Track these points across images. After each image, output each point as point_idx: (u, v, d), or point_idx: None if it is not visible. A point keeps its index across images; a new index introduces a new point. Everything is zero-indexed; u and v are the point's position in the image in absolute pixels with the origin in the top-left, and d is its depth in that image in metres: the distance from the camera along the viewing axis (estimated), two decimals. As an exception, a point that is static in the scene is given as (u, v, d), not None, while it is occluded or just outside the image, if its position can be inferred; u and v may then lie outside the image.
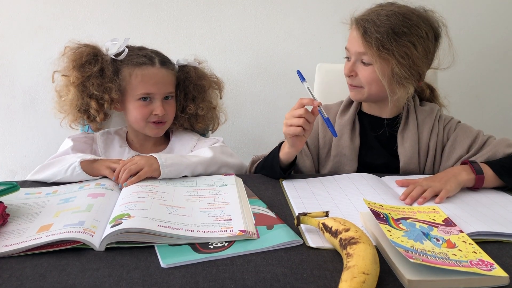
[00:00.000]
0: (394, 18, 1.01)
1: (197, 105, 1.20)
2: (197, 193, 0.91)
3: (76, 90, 1.09)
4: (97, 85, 1.08)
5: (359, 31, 1.04)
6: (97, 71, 1.09)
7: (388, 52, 1.01)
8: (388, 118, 1.15)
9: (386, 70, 1.03)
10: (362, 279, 0.56)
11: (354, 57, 1.07)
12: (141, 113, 1.12)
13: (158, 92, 1.12)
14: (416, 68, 1.03)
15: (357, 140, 1.15)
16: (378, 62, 1.02)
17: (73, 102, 1.11)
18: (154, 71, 1.11)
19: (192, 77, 1.19)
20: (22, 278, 0.62)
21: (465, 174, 0.93)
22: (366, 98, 1.11)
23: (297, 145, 0.99)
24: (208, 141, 1.22)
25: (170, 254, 0.67)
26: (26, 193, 0.93)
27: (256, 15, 1.71)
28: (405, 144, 1.11)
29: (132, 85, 1.11)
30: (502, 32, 1.74)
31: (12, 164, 1.83)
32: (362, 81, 1.07)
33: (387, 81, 1.04)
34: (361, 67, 1.07)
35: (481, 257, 0.63)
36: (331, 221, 0.71)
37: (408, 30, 1.01)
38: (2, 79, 1.72)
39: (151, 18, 1.69)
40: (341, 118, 1.17)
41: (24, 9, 1.65)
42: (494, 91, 1.82)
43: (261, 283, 0.60)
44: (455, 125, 1.13)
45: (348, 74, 1.10)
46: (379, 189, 0.93)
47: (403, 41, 1.01)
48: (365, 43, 1.02)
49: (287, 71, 1.76)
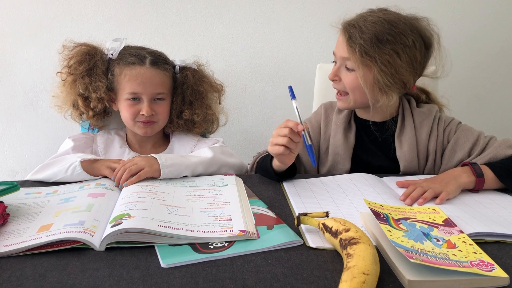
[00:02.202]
0: (380, 25, 1.00)
1: (194, 111, 1.19)
2: (197, 193, 0.91)
3: (65, 89, 1.14)
4: (85, 84, 1.12)
5: (345, 36, 1.03)
6: (86, 70, 1.11)
7: (371, 59, 0.99)
8: (378, 122, 1.14)
9: (368, 77, 1.02)
10: (362, 279, 0.56)
11: (339, 62, 1.07)
12: (129, 113, 1.13)
13: (145, 92, 1.11)
14: (399, 77, 1.01)
15: (352, 139, 1.14)
16: (361, 68, 1.01)
17: (66, 99, 1.17)
18: (141, 71, 1.11)
19: (190, 81, 1.18)
20: (22, 278, 0.62)
21: (465, 176, 0.93)
22: (353, 105, 1.10)
23: (285, 162, 0.97)
24: (208, 141, 1.22)
25: (170, 254, 0.67)
26: (27, 193, 0.93)
27: (256, 15, 1.71)
28: (403, 148, 1.10)
29: (121, 85, 1.12)
30: (502, 33, 1.74)
31: (13, 164, 1.83)
32: (345, 86, 1.07)
33: (368, 88, 1.03)
34: (345, 72, 1.06)
35: (481, 257, 0.63)
36: (331, 221, 0.71)
37: (393, 38, 0.99)
38: (2, 79, 1.73)
39: (151, 18, 1.69)
40: (337, 116, 1.17)
41: (24, 9, 1.66)
42: (494, 91, 1.82)
43: (261, 283, 0.60)
44: (456, 127, 1.11)
45: (331, 79, 1.09)
46: (380, 189, 0.93)
47: (386, 49, 0.99)
48: (349, 49, 1.01)
49: (287, 71, 1.76)
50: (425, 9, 1.09)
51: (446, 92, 1.23)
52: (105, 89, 1.12)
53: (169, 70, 1.16)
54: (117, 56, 1.14)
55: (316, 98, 1.44)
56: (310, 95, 1.46)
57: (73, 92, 1.14)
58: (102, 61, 1.14)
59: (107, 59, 1.15)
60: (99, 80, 1.12)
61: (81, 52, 1.13)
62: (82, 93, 1.13)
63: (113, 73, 1.14)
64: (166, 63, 1.16)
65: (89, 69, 1.12)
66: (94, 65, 1.12)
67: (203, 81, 1.21)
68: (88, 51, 1.13)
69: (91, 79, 1.12)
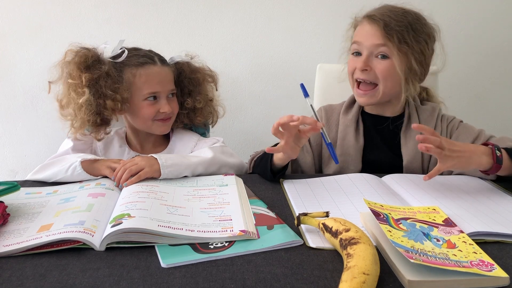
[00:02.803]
0: (411, 15, 1.04)
1: (194, 98, 1.20)
2: (197, 193, 0.91)
3: (89, 91, 1.05)
4: (109, 85, 1.07)
5: (378, 24, 1.03)
6: (105, 71, 1.07)
7: (408, 47, 1.02)
8: (392, 117, 1.15)
9: (403, 65, 1.04)
10: (362, 279, 0.56)
11: (368, 50, 1.05)
12: (149, 112, 1.12)
13: (163, 90, 1.13)
14: (426, 66, 1.06)
15: (361, 139, 1.14)
16: (398, 55, 1.02)
17: (88, 104, 1.06)
18: (157, 70, 1.12)
19: (186, 71, 1.20)
20: (23, 278, 0.62)
21: (485, 158, 0.89)
22: (380, 99, 1.09)
23: (291, 155, 0.97)
24: (208, 141, 1.22)
25: (170, 254, 0.67)
26: (27, 192, 0.93)
27: (256, 15, 1.71)
28: (408, 144, 1.11)
29: (137, 86, 1.10)
30: (502, 32, 1.74)
31: (13, 164, 1.83)
32: (377, 75, 1.06)
33: (403, 76, 1.04)
34: (377, 61, 1.05)
35: (481, 257, 0.63)
36: (331, 221, 0.71)
37: (422, 28, 1.04)
38: (2, 79, 1.73)
39: (151, 18, 1.69)
40: (345, 117, 1.17)
41: (25, 9, 1.66)
42: (494, 91, 1.82)
43: (261, 283, 0.60)
44: (457, 124, 1.13)
45: (362, 68, 1.06)
46: (380, 189, 0.93)
47: (420, 38, 1.03)
48: (385, 36, 1.02)
49: (288, 71, 1.76)
50: (425, 9, 1.09)
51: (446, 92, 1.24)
52: (123, 90, 1.08)
53: (172, 66, 1.18)
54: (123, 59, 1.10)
55: (317, 98, 1.44)
56: (311, 96, 1.45)
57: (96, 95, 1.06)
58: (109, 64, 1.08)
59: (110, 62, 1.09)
60: (116, 82, 1.08)
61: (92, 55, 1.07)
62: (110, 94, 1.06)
63: (123, 76, 1.10)
64: (167, 60, 1.19)
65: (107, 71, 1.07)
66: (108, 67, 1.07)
67: (198, 71, 1.22)
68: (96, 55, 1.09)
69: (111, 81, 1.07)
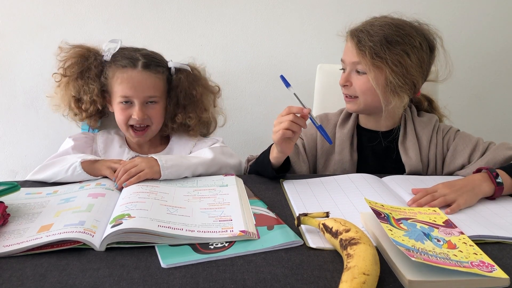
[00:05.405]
0: (387, 28, 1.03)
1: (187, 114, 1.18)
2: (197, 193, 0.91)
3: (59, 90, 1.15)
4: (78, 86, 1.13)
5: (353, 41, 1.05)
6: (79, 72, 1.12)
7: (382, 60, 1.01)
8: (384, 131, 1.15)
9: (380, 78, 1.03)
10: (363, 279, 0.56)
11: (349, 67, 1.08)
12: (121, 116, 1.13)
13: (137, 95, 1.11)
14: (410, 77, 1.04)
15: (355, 154, 1.15)
16: (372, 70, 1.03)
17: (61, 100, 1.17)
18: (133, 74, 1.10)
19: (183, 84, 1.17)
20: (23, 278, 0.62)
21: (486, 185, 0.89)
22: (363, 109, 1.11)
23: (285, 150, 0.98)
24: (207, 141, 1.22)
25: (170, 254, 0.67)
26: (27, 193, 0.93)
27: (257, 15, 1.71)
28: (409, 154, 1.11)
29: (114, 88, 1.12)
30: (502, 33, 1.74)
31: (13, 164, 1.83)
32: (356, 90, 1.08)
33: (381, 90, 1.04)
34: (356, 76, 1.08)
35: (481, 258, 0.63)
36: (331, 221, 0.71)
37: (401, 39, 1.02)
38: (3, 79, 1.73)
39: (151, 18, 1.68)
40: (341, 130, 1.17)
41: (25, 9, 1.65)
42: (494, 91, 1.82)
43: (262, 284, 0.60)
44: (454, 134, 1.13)
45: (343, 84, 1.10)
46: (380, 189, 0.93)
47: (396, 49, 1.02)
48: (359, 52, 1.03)
49: (288, 72, 1.76)
50: (425, 9, 1.09)
51: (446, 92, 1.23)
52: (97, 92, 1.13)
53: (162, 72, 1.15)
54: (110, 59, 1.14)
55: (317, 98, 1.44)
56: (311, 96, 1.46)
57: (67, 94, 1.15)
58: (96, 64, 1.14)
59: (102, 61, 1.15)
60: (91, 83, 1.13)
61: (76, 54, 1.13)
62: (74, 95, 1.15)
63: (106, 76, 1.14)
64: (160, 66, 1.14)
65: (82, 71, 1.13)
66: (88, 67, 1.13)
67: (197, 84, 1.19)
68: (82, 53, 1.14)
69: (84, 81, 1.13)
